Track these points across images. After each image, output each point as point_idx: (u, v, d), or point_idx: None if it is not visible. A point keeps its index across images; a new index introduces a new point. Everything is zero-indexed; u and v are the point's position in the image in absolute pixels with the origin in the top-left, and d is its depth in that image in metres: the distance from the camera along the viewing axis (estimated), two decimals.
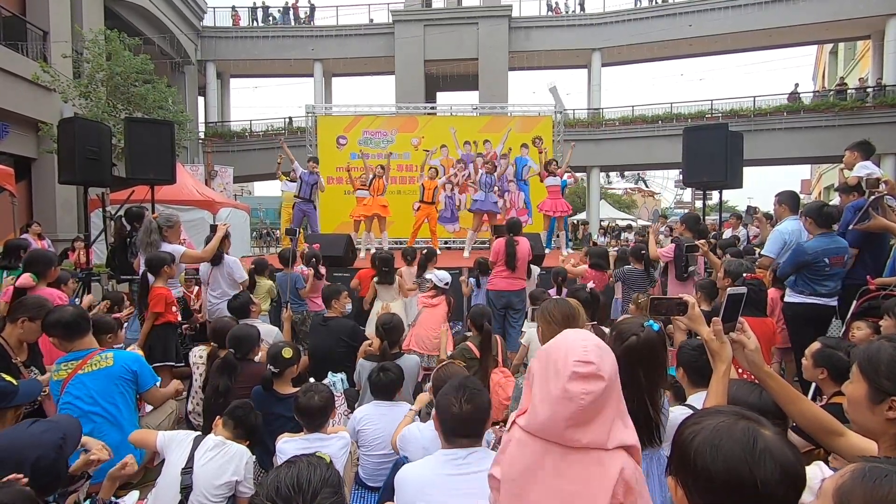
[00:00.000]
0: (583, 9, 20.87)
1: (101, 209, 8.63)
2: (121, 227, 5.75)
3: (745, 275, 3.62)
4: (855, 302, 3.44)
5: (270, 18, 22.06)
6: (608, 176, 33.00)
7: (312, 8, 21.95)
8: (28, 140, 11.41)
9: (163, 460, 2.27)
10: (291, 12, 21.90)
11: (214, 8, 21.67)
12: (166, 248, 4.18)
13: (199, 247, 5.47)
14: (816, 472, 1.16)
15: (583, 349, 1.18)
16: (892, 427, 1.12)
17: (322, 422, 2.42)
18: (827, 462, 1.50)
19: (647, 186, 40.49)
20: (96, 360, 2.65)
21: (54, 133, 7.69)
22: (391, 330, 3.37)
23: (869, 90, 18.07)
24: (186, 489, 2.10)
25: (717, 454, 0.86)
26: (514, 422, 1.29)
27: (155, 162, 5.89)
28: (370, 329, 4.69)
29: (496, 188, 8.69)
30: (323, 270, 5.46)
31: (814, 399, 2.77)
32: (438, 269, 5.22)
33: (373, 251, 5.97)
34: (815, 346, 2.38)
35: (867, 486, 0.76)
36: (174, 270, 4.09)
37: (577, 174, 22.55)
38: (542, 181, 8.50)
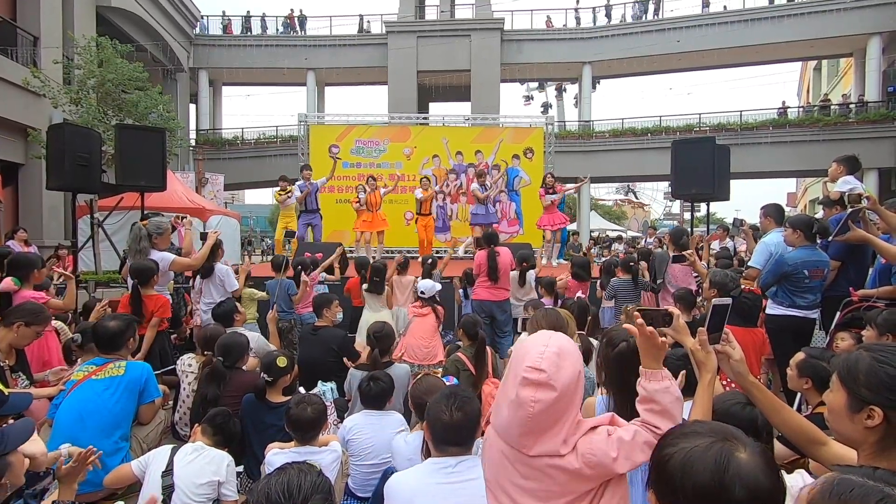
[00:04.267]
0: (578, 23, 21.20)
1: (88, 216, 8.55)
2: None
3: (742, 287, 3.69)
4: (838, 313, 3.51)
5: (264, 26, 22.12)
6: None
7: (303, 18, 22.07)
8: (16, 145, 11.29)
9: None
10: (286, 21, 21.99)
11: (207, 16, 21.73)
12: (155, 255, 4.15)
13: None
14: (798, 481, 1.18)
15: (538, 355, 1.16)
16: (871, 435, 1.15)
17: (314, 434, 2.40)
18: (808, 468, 1.53)
19: (636, 198, 40.95)
20: (110, 368, 2.69)
21: (43, 139, 7.63)
22: (382, 338, 3.36)
23: (852, 106, 18.52)
24: (169, 488, 2.10)
25: (688, 479, 0.87)
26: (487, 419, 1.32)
27: (145, 169, 5.85)
28: (360, 339, 4.67)
29: (492, 200, 8.73)
30: (306, 277, 5.37)
31: (799, 409, 2.81)
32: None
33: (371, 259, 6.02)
34: (800, 356, 2.42)
35: (835, 500, 0.78)
36: (159, 279, 4.06)
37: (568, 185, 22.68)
38: (541, 199, 8.55)
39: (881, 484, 0.78)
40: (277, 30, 22.12)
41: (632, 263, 5.18)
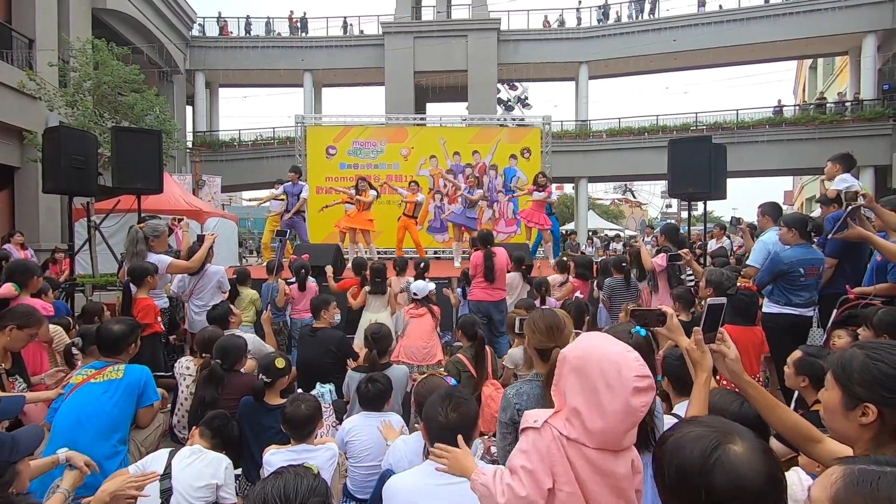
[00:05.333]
0: (579, 22, 21.22)
1: (85, 218, 8.52)
2: None
3: (739, 285, 3.70)
4: (835, 311, 3.52)
5: (267, 28, 22.08)
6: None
7: (305, 20, 22.05)
8: (12, 148, 11.26)
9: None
10: (287, 23, 21.94)
11: (204, 18, 21.71)
12: (152, 258, 4.15)
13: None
14: (794, 479, 1.19)
15: (637, 362, 1.22)
16: (866, 433, 1.15)
17: (309, 432, 2.41)
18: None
19: (634, 197, 41.01)
20: (109, 371, 2.67)
21: (39, 142, 7.61)
22: (380, 340, 3.36)
23: (847, 104, 18.58)
24: (167, 492, 2.09)
25: (674, 458, 0.90)
26: (550, 424, 1.28)
27: (142, 171, 5.84)
28: (359, 340, 4.67)
29: (481, 203, 8.68)
30: (311, 283, 5.44)
31: (796, 408, 2.82)
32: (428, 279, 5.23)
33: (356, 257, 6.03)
34: (797, 354, 2.43)
35: (865, 491, 0.75)
36: (156, 281, 4.05)
37: (565, 185, 22.84)
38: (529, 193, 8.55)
39: None
40: (273, 31, 22.08)
41: (623, 263, 5.19)
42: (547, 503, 1.27)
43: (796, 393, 3.17)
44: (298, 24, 21.97)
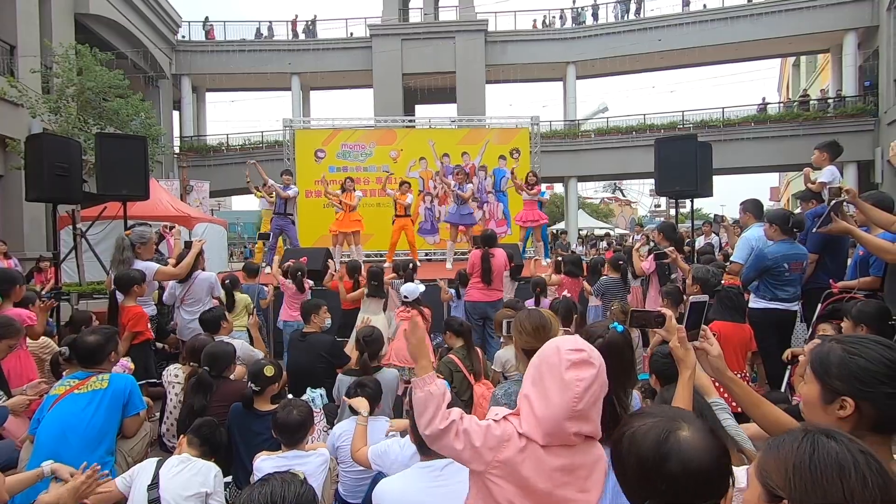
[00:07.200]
0: (576, 21, 21.33)
1: (71, 226, 8.41)
2: None
3: (724, 281, 3.74)
4: (819, 305, 3.57)
5: (264, 31, 21.96)
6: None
7: (313, 23, 21.94)
8: None
9: None
10: (306, 28, 21.81)
11: (189, 22, 21.53)
12: (139, 265, 4.11)
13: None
14: (742, 475, 1.20)
15: (574, 339, 1.28)
16: (844, 426, 1.17)
17: (300, 437, 2.40)
18: None
19: (623, 196, 41.32)
20: (93, 382, 2.63)
21: (22, 149, 7.50)
22: (372, 342, 3.35)
23: (830, 101, 18.88)
24: (155, 502, 2.06)
25: (632, 452, 0.97)
26: (520, 433, 1.26)
27: (127, 177, 5.77)
28: (352, 343, 4.66)
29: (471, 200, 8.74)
30: (307, 285, 5.44)
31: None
32: (421, 281, 5.23)
33: (345, 262, 6.05)
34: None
35: (773, 454, 0.87)
36: (144, 289, 4.01)
37: (555, 184, 22.99)
38: (518, 192, 8.62)
39: (814, 435, 0.85)
40: (261, 34, 21.96)
41: (620, 262, 5.23)
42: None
43: (784, 383, 3.23)
44: (309, 28, 21.78)
